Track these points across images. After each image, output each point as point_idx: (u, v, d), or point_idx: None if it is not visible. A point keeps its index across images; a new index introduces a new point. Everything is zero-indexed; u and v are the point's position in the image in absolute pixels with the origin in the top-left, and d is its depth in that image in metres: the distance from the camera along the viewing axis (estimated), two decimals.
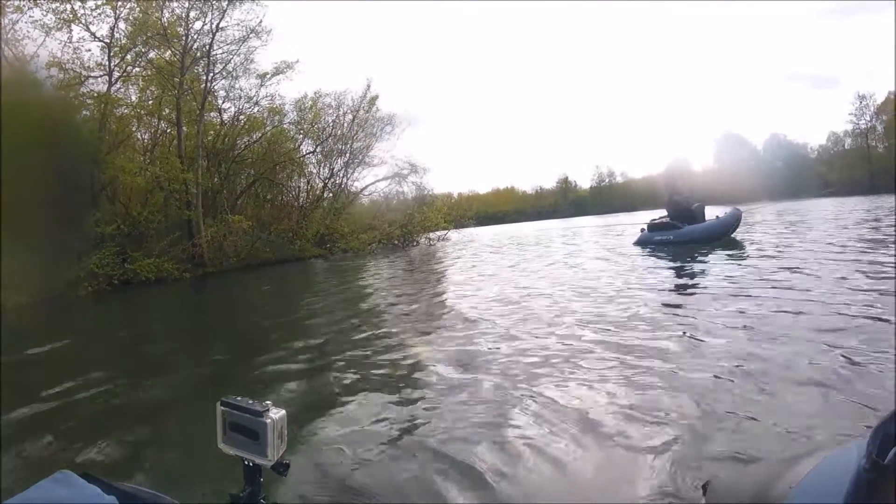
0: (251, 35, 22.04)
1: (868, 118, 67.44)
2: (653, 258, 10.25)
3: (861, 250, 7.98)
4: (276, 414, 0.84)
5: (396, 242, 28.87)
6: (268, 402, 0.86)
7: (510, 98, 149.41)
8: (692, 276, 7.74)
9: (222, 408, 0.88)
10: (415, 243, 29.21)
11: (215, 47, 21.48)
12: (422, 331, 5.48)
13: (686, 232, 12.19)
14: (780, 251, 9.11)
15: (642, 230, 13.32)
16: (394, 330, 5.68)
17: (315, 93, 28.36)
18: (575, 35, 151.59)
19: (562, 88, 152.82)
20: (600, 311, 5.47)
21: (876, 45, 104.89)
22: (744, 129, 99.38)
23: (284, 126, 26.95)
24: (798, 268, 6.81)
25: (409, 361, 4.28)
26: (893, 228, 11.20)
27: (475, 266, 12.93)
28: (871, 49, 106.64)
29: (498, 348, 4.31)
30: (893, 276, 5.65)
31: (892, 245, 8.26)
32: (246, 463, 0.87)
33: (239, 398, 0.87)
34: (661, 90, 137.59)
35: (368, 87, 30.01)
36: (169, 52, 20.26)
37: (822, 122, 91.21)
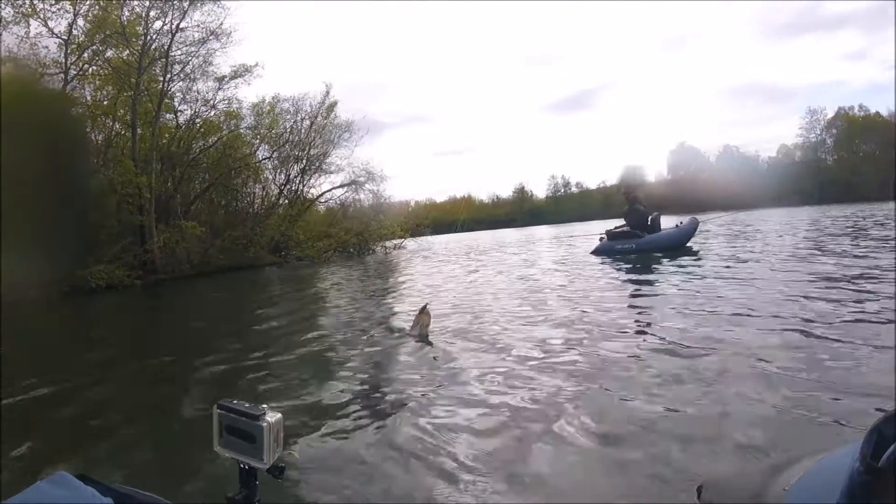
0: (211, 37, 22.28)
1: (818, 132, 72.20)
2: (615, 267, 10.60)
3: (819, 256, 8.93)
4: (273, 417, 0.86)
5: (352, 250, 29.19)
6: (264, 405, 0.88)
7: (468, 107, 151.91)
8: (660, 283, 7.96)
9: (219, 411, 0.90)
10: (371, 251, 29.58)
11: (174, 48, 21.60)
12: (389, 338, 5.57)
13: (648, 241, 12.59)
14: (736, 257, 9.91)
15: (601, 239, 13.49)
16: (362, 336, 5.84)
17: (273, 97, 28.67)
18: (537, 45, 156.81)
19: (520, 98, 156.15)
20: (572, 317, 5.66)
21: (824, 63, 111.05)
22: (698, 140, 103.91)
23: (241, 131, 27.09)
24: (752, 276, 7.29)
25: (388, 367, 4.45)
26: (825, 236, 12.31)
27: (435, 273, 13.34)
28: (821, 66, 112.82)
29: (479, 358, 4.37)
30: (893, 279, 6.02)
31: (829, 253, 9.21)
32: (242, 466, 0.90)
33: (235, 401, 0.90)
34: (617, 101, 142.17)
35: (327, 93, 30.43)
36: (127, 51, 20.19)
37: (774, 134, 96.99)
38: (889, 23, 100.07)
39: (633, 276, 9.03)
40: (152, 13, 20.50)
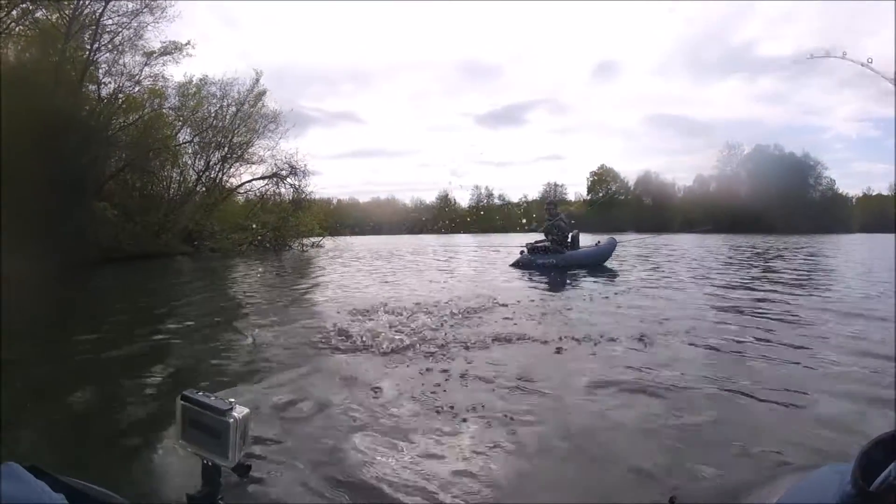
0: (145, 9, 22.12)
1: (734, 165, 78.62)
2: (538, 280, 10.93)
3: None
4: (240, 413, 0.85)
5: (268, 245, 29.27)
6: (231, 399, 0.87)
7: (398, 109, 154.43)
8: (598, 296, 8.22)
9: (182, 402, 0.88)
10: (287, 248, 29.72)
11: (106, 16, 21.17)
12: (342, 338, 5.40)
13: (569, 256, 13.15)
14: (658, 275, 11.04)
15: (522, 252, 13.91)
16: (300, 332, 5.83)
17: (200, 79, 28.37)
18: (473, 55, 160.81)
19: (450, 107, 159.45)
20: (523, 327, 5.80)
21: (744, 102, 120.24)
22: (618, 164, 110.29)
23: (164, 111, 26.63)
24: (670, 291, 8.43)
25: (341, 364, 4.42)
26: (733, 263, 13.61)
27: (365, 274, 13.65)
28: (740, 105, 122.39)
29: (448, 367, 4.25)
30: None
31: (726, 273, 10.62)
32: (205, 462, 0.88)
33: (201, 393, 0.88)
34: (544, 119, 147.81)
35: (257, 80, 30.48)
36: (57, 14, 19.58)
37: (692, 164, 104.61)
38: (810, 70, 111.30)
39: (565, 290, 9.61)
40: None
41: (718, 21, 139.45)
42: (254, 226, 29.12)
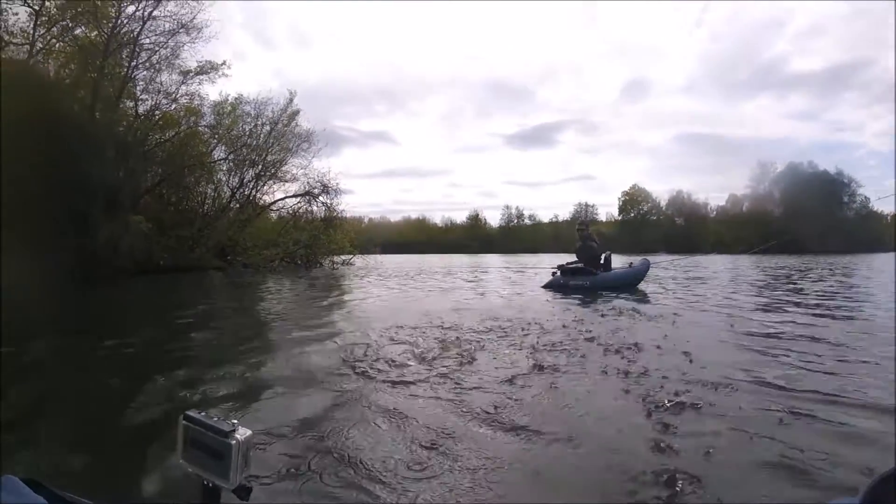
0: (181, 29, 22.59)
1: (767, 184, 77.39)
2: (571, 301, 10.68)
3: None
4: (243, 435, 0.84)
5: (299, 262, 29.51)
6: (234, 420, 0.86)
7: (431, 129, 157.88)
8: (628, 317, 8.10)
9: (185, 423, 0.88)
10: (318, 265, 29.93)
11: (143, 35, 21.75)
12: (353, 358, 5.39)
13: (602, 279, 12.74)
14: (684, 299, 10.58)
15: (554, 273, 13.64)
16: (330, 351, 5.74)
17: (235, 98, 28.98)
18: (504, 76, 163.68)
19: (481, 127, 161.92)
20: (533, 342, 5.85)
21: (775, 120, 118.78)
22: (649, 184, 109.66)
23: (199, 128, 27.17)
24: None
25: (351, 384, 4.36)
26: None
27: (393, 293, 13.54)
28: (771, 122, 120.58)
29: (441, 379, 4.36)
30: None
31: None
32: (205, 483, 0.88)
33: (203, 413, 0.88)
34: (574, 139, 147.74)
35: (291, 100, 31.08)
36: (96, 31, 20.23)
37: (724, 184, 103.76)
38: (842, 85, 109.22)
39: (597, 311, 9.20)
40: None
41: (745, 36, 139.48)
42: (286, 242, 29.34)
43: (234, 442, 0.83)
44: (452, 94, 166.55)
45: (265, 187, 31.30)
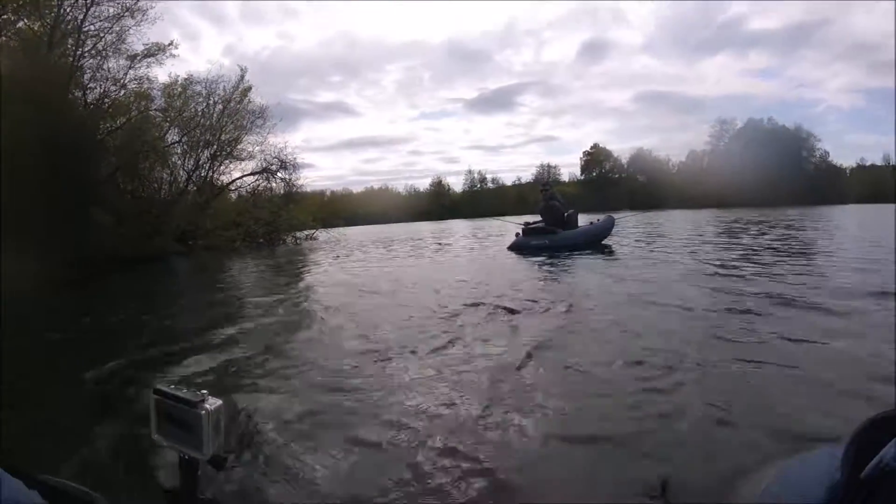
0: (126, 13, 22.26)
1: (727, 140, 78.72)
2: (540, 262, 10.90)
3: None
4: (212, 404, 0.85)
5: (262, 241, 29.93)
6: (204, 391, 0.87)
7: (389, 97, 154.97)
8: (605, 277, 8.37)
9: (155, 397, 0.89)
10: (281, 242, 30.45)
11: (88, 22, 21.41)
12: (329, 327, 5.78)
13: (563, 237, 13.08)
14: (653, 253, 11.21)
15: (517, 235, 13.82)
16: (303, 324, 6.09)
17: (185, 78, 28.68)
18: (460, 40, 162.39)
19: (440, 92, 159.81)
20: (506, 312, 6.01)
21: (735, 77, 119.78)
22: (611, 143, 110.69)
23: (151, 112, 26.84)
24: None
25: (332, 354, 4.58)
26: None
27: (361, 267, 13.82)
28: (731, 80, 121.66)
29: (442, 361, 4.31)
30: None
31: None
32: (182, 456, 0.89)
33: (173, 386, 0.89)
34: (534, 102, 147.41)
35: (242, 76, 30.79)
36: (39, 23, 19.86)
37: (685, 140, 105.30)
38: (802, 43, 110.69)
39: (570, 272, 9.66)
40: None
41: None
42: (246, 222, 29.44)
43: (203, 412, 0.84)
44: (410, 62, 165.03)
45: (222, 167, 31.13)
